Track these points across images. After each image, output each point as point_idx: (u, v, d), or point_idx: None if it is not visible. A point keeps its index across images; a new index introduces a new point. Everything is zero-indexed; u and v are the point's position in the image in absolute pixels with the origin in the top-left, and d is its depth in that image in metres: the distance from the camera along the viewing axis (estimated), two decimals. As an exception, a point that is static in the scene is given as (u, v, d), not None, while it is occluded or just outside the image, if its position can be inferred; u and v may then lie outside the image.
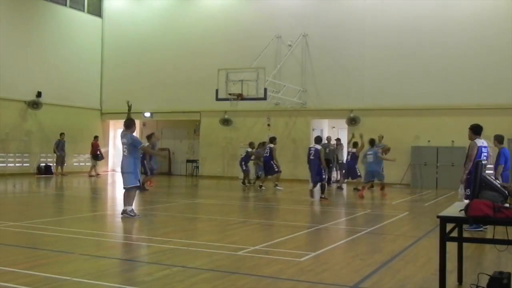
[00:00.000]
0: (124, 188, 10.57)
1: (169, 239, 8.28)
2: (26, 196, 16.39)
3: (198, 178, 24.80)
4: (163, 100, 26.45)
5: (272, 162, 18.16)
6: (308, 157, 15.30)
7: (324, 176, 15.36)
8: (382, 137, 18.76)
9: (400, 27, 22.05)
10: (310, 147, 15.55)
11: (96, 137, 25.14)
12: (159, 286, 5.49)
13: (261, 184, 18.44)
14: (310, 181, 15.81)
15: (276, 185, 18.32)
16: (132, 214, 10.38)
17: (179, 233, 9.14)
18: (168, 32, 26.52)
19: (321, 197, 15.18)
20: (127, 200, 10.49)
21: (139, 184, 10.81)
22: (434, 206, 13.91)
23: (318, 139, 15.62)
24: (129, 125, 10.60)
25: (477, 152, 9.27)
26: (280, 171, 18.45)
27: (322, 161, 15.11)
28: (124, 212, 10.45)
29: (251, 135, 24.42)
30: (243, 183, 19.30)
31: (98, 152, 24.84)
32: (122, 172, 10.61)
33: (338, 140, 23.49)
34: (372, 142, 16.65)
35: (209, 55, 24.96)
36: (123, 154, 10.55)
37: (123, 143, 10.53)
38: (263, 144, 19.49)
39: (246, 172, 19.53)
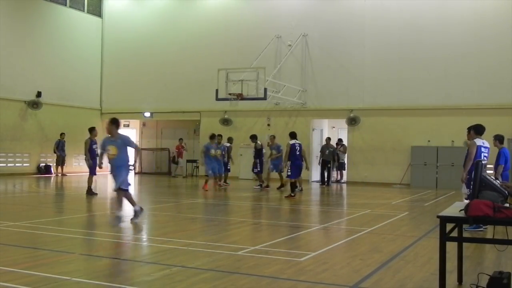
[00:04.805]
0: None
1: (169, 239, 8.27)
2: (26, 196, 16.38)
3: (198, 178, 24.78)
4: (163, 100, 26.45)
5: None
6: (294, 153, 15.44)
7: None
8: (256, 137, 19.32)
9: (400, 27, 22.06)
10: (295, 143, 15.62)
11: (180, 140, 25.49)
12: (159, 286, 5.49)
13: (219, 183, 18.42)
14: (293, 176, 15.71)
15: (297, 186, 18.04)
16: None
17: (179, 233, 9.13)
18: (168, 32, 26.52)
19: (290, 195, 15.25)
20: None
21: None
22: (434, 206, 13.91)
23: (294, 135, 15.88)
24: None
25: (477, 152, 9.27)
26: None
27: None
28: None
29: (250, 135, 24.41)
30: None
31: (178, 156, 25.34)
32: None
33: (340, 140, 23.54)
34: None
35: (209, 55, 24.97)
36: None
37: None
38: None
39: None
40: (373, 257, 7.03)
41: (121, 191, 9.77)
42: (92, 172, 15.26)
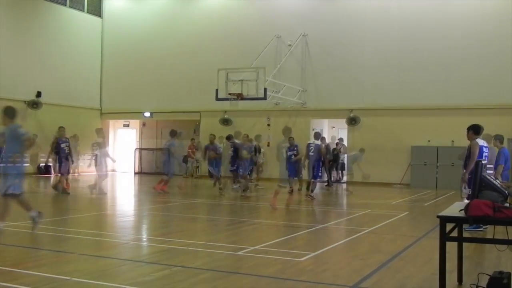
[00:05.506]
0: None
1: (169, 239, 8.27)
2: (26, 196, 16.31)
3: (198, 178, 24.77)
4: (163, 100, 26.45)
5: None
6: (308, 153, 15.21)
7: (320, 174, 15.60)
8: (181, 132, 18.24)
9: (400, 27, 22.05)
10: (309, 143, 15.50)
11: (192, 140, 24.43)
12: (159, 286, 5.50)
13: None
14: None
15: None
16: None
17: (179, 233, 9.13)
18: (168, 32, 26.51)
19: (309, 195, 15.00)
20: None
21: None
22: (434, 206, 13.91)
23: (318, 135, 15.66)
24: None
25: (479, 152, 9.26)
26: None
27: (324, 158, 15.47)
28: None
29: (251, 135, 24.40)
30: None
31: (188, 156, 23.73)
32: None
33: (341, 139, 23.49)
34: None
35: (209, 55, 24.96)
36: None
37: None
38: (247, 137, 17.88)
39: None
40: (373, 257, 7.03)
41: (11, 197, 8.19)
42: (63, 172, 15.42)
